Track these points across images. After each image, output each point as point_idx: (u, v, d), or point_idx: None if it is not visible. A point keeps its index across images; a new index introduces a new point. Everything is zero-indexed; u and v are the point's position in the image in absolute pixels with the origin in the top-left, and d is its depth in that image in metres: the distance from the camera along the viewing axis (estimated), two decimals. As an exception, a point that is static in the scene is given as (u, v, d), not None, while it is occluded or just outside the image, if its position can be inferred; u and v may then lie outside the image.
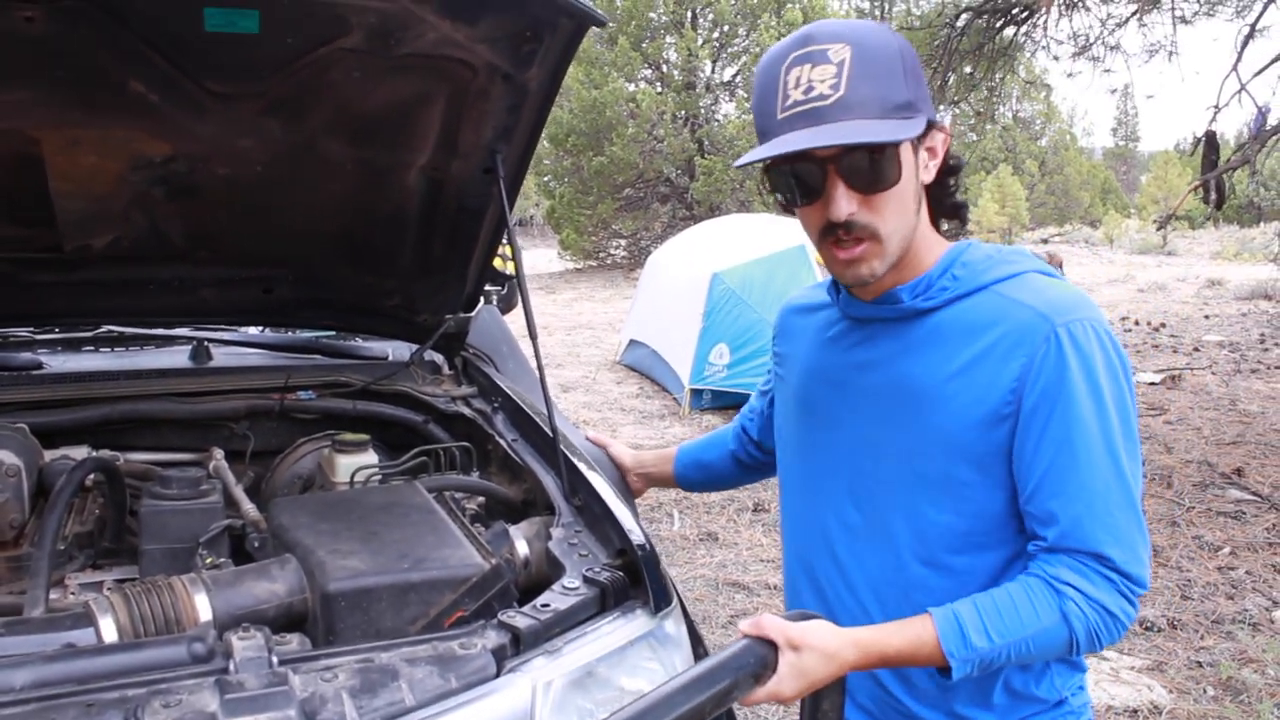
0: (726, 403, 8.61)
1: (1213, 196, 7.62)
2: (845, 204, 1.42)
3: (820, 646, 1.38)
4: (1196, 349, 11.99)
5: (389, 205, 2.41)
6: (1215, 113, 7.87)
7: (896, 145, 1.40)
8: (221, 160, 2.21)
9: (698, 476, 2.17)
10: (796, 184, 1.45)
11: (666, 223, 24.97)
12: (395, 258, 2.57)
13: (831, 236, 1.47)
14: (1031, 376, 1.42)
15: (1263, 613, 4.69)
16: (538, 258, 30.99)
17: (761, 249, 9.11)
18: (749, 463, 2.08)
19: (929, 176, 1.50)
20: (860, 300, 1.58)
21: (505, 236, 2.40)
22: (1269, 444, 7.51)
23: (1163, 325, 13.97)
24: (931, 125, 1.46)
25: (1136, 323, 14.23)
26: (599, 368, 11.28)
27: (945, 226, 1.60)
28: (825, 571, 1.66)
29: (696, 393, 8.70)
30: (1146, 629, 4.56)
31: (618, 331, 12.55)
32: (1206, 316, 14.94)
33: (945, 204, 1.56)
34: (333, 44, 1.92)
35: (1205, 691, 3.98)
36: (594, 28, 2.01)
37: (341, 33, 1.90)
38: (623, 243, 26.86)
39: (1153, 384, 9.81)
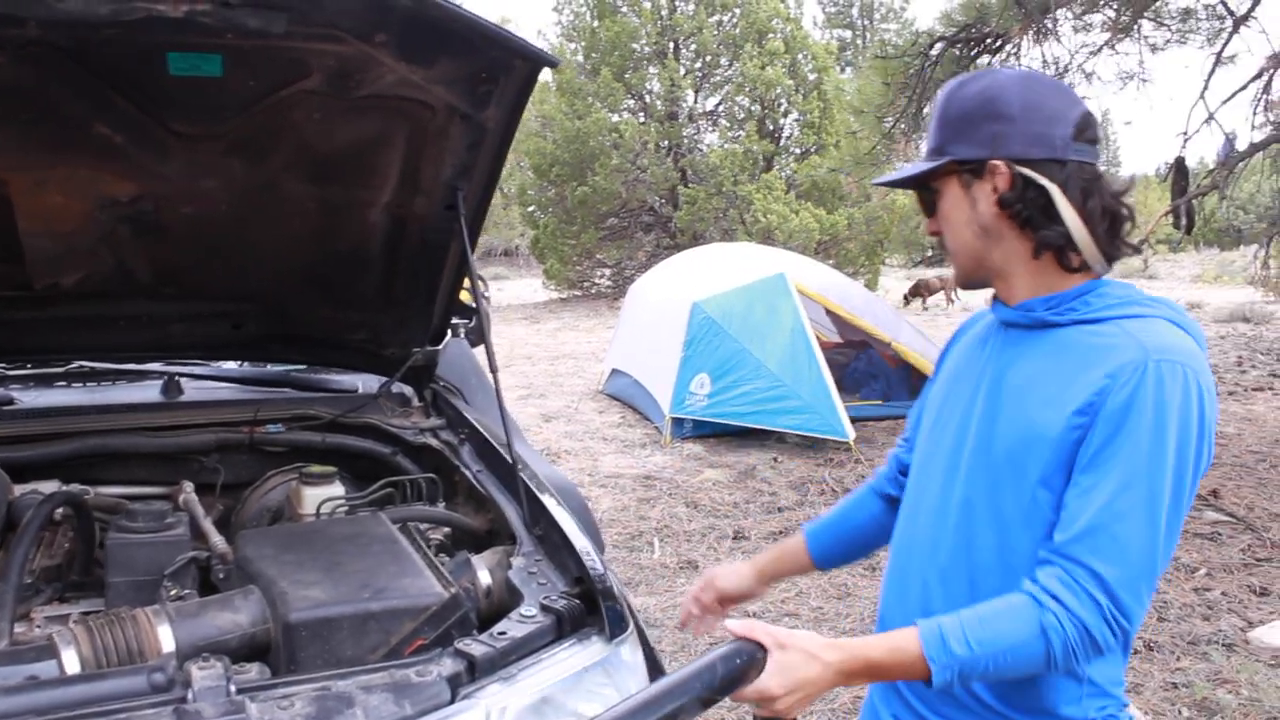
0: (708, 431, 8.60)
1: (1183, 222, 7.71)
2: (928, 223, 1.65)
3: (804, 646, 1.44)
4: (1175, 372, 12.03)
5: (353, 242, 2.45)
6: (1185, 140, 7.98)
7: (927, 182, 1.60)
8: (187, 199, 2.25)
9: (843, 551, 2.03)
10: None
11: (650, 252, 24.92)
12: (361, 293, 2.61)
13: None
14: (1110, 393, 1.44)
15: (1238, 633, 4.71)
16: (522, 288, 30.96)
17: (742, 278, 9.09)
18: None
19: (987, 208, 1.54)
20: (1004, 304, 1.63)
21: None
22: (1245, 466, 7.56)
23: (1142, 348, 14.04)
24: (968, 162, 1.54)
25: (1116, 346, 14.30)
26: (582, 397, 11.28)
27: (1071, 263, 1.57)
28: (903, 544, 1.72)
29: (678, 421, 8.70)
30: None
31: (600, 361, 12.55)
32: (1185, 339, 15.00)
33: (1042, 237, 1.53)
34: (293, 86, 1.97)
35: (1180, 713, 4.00)
36: (560, 63, 2.07)
37: (302, 75, 1.95)
38: (607, 272, 26.86)
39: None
